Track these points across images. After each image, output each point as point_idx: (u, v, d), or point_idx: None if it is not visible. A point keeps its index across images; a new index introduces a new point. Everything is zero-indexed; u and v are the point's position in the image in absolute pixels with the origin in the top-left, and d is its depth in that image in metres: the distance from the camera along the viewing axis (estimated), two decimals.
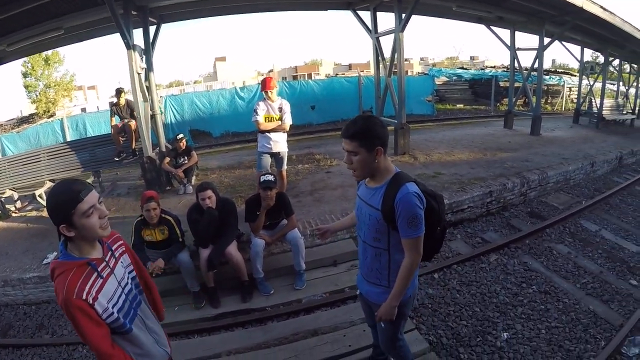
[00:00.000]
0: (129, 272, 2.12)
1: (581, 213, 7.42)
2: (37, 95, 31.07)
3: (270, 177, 4.81)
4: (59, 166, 8.62)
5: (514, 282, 5.19)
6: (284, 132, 6.34)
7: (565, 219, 7.07)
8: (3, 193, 8.53)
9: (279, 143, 6.33)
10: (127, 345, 1.98)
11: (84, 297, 1.75)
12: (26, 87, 30.85)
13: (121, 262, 2.07)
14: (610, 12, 11.20)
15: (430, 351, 3.81)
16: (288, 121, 6.25)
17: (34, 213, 8.25)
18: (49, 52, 28.58)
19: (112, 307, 1.87)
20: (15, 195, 8.65)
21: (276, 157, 6.48)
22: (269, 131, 6.18)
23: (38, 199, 8.21)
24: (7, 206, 8.52)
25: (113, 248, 2.05)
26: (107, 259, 1.96)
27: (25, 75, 30.52)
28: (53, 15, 7.86)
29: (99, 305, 1.80)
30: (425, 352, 3.74)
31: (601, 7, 10.76)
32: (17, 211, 8.53)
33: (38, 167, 8.65)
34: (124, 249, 2.15)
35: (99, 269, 1.88)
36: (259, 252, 4.83)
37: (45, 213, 8.00)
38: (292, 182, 7.86)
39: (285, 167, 6.68)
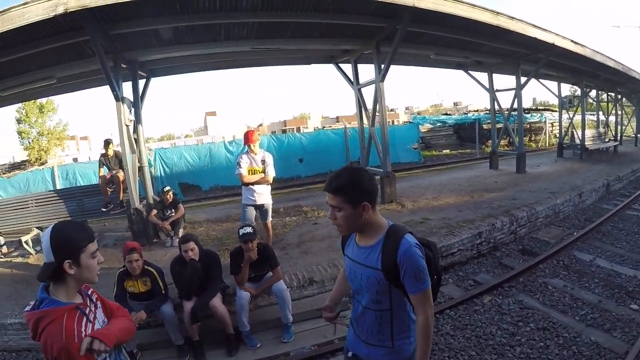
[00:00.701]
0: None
1: (573, 244, 7.38)
2: (29, 142, 31.41)
3: (249, 230, 4.79)
4: (47, 214, 8.54)
5: (510, 322, 5.04)
6: (267, 185, 6.38)
7: (558, 253, 7.01)
8: None
9: (263, 195, 6.35)
10: None
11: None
12: (19, 133, 31.30)
13: (99, 307, 2.06)
14: (581, 45, 11.63)
15: None
16: (271, 173, 6.31)
17: (19, 259, 8.11)
18: (44, 100, 29.24)
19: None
20: (2, 240, 8.55)
21: (260, 209, 6.47)
22: (252, 183, 6.22)
23: (24, 245, 8.08)
24: None
25: (89, 293, 2.04)
26: (88, 304, 1.97)
27: (19, 121, 31.03)
28: (43, 65, 8.11)
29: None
30: None
31: (572, 41, 11.17)
32: (2, 256, 8.42)
33: (25, 213, 8.59)
34: (97, 295, 2.12)
35: (87, 313, 1.90)
36: (244, 304, 4.73)
37: (31, 260, 7.95)
38: (280, 235, 7.80)
39: (270, 219, 6.66)
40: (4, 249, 8.59)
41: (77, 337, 1.75)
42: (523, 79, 13.15)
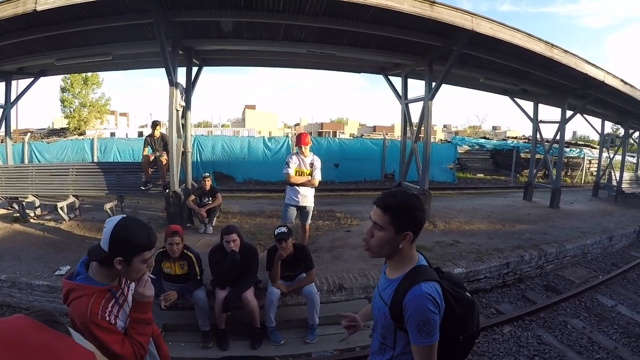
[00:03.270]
0: None
1: (597, 288, 7.33)
2: (71, 112, 32.64)
3: (284, 229, 4.94)
4: (86, 184, 8.84)
5: (527, 355, 5.10)
6: (312, 187, 6.51)
7: (581, 294, 6.99)
8: (26, 198, 8.72)
9: (307, 197, 6.49)
10: None
11: (107, 318, 1.90)
12: (62, 101, 32.59)
13: (131, 290, 2.19)
14: (631, 86, 11.43)
15: None
16: (318, 177, 6.46)
17: (52, 223, 8.44)
18: (89, 73, 30.14)
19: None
20: (37, 202, 8.85)
21: (302, 210, 6.61)
22: (298, 185, 6.37)
23: (59, 211, 8.35)
24: (27, 211, 8.76)
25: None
26: (122, 286, 2.12)
27: (63, 90, 32.26)
28: (103, 41, 8.43)
29: (118, 326, 1.97)
30: None
31: (622, 80, 11.00)
32: (35, 218, 8.77)
33: (65, 180, 8.86)
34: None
35: (117, 296, 2.04)
36: (274, 301, 4.88)
37: (63, 226, 8.23)
38: (312, 237, 7.89)
39: (309, 221, 6.80)
40: (38, 211, 8.93)
41: (100, 316, 1.85)
42: (568, 113, 12.99)
